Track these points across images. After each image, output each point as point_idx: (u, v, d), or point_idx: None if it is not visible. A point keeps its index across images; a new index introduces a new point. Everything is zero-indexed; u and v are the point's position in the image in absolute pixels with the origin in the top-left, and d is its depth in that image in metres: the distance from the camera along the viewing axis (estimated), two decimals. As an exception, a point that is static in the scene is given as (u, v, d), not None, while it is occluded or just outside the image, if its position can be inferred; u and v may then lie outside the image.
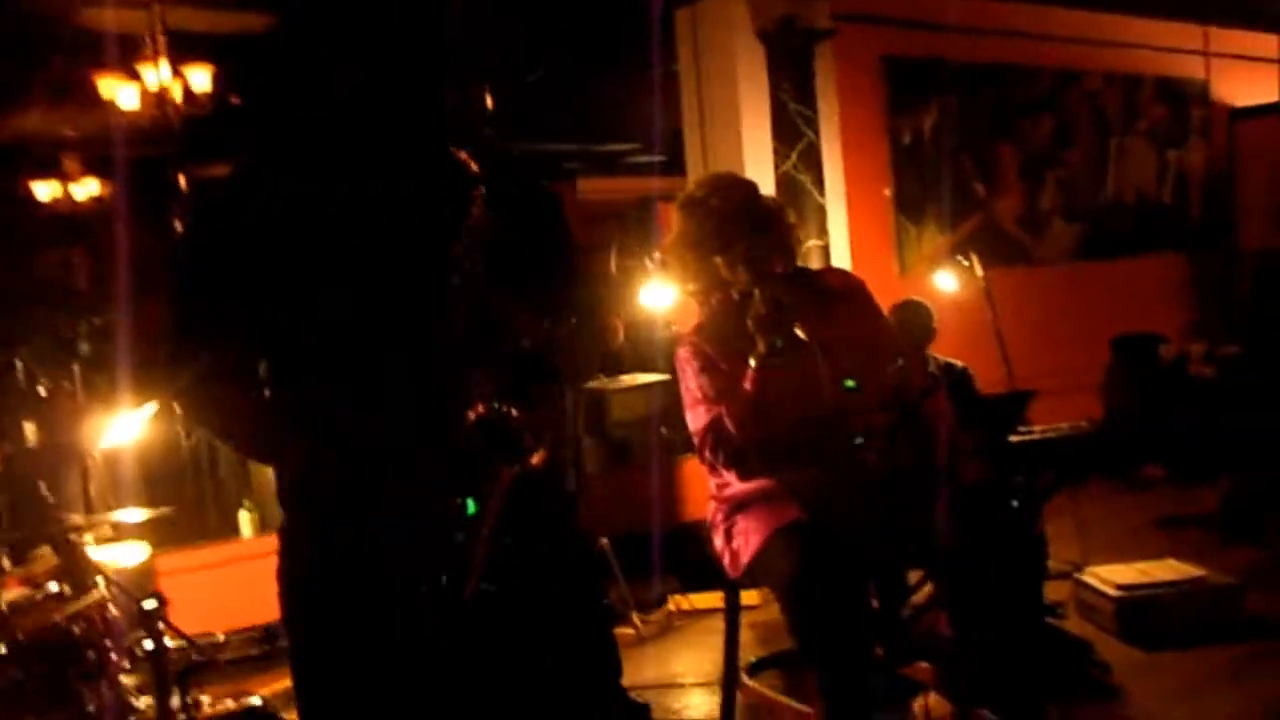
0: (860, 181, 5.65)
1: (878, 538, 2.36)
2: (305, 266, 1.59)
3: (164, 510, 3.09)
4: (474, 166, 1.66)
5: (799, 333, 2.40)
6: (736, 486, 2.54)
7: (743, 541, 2.47)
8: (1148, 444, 4.99)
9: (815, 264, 4.94)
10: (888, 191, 5.98)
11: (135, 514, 3.04)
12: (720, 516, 2.58)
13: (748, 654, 3.81)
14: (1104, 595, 3.76)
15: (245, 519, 4.73)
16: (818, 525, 2.33)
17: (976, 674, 2.38)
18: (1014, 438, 3.46)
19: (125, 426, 3.38)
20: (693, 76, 5.27)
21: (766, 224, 2.59)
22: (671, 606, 4.51)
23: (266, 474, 5.09)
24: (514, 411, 1.60)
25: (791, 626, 2.29)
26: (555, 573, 1.81)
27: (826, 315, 2.46)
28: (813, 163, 5.24)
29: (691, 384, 2.56)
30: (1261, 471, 4.33)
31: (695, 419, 2.54)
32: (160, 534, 3.78)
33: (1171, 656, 3.53)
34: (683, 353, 2.61)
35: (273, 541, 4.59)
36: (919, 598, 3.00)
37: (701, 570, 4.73)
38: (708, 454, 2.51)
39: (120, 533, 3.46)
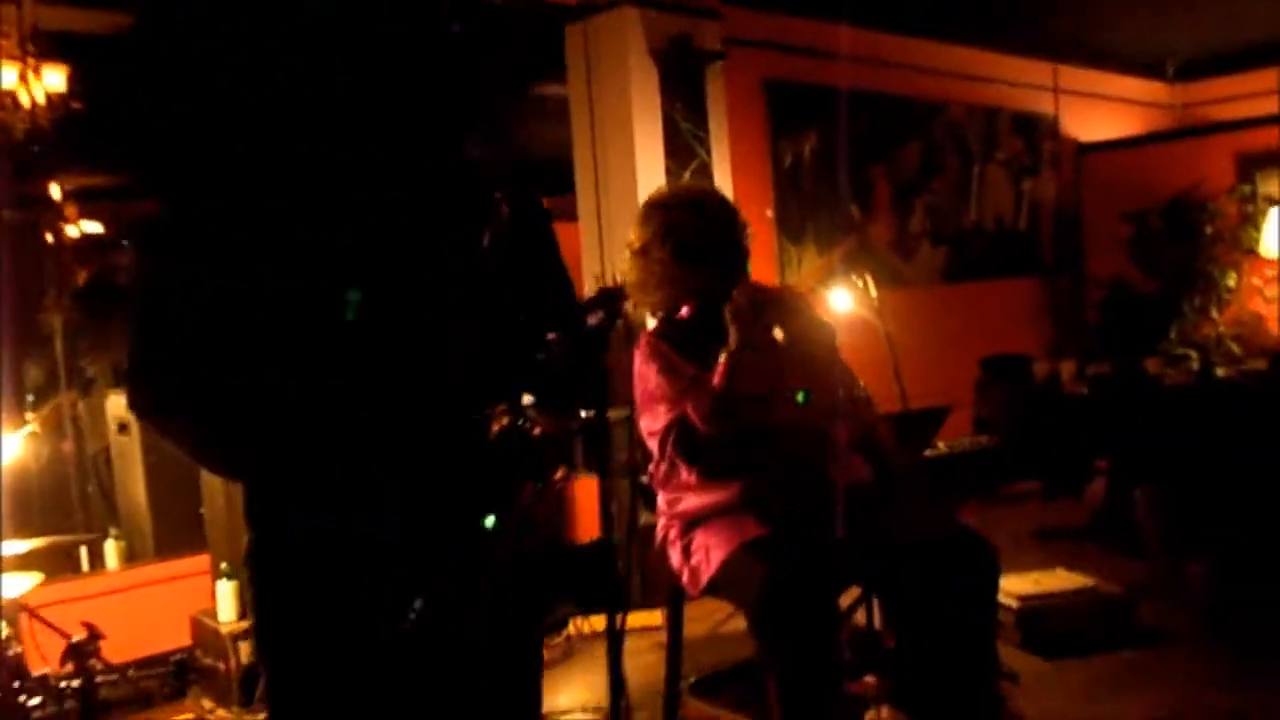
0: (745, 202, 5.62)
1: (842, 552, 2.33)
2: (314, 262, 1.48)
3: (85, 536, 2.82)
4: (496, 178, 1.59)
5: (776, 334, 2.38)
6: (690, 501, 2.49)
7: (703, 557, 2.41)
8: (1042, 458, 5.22)
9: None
10: (770, 212, 6.05)
11: (20, 545, 2.76)
12: (675, 533, 2.52)
13: (656, 674, 3.76)
14: (1005, 606, 3.85)
15: (111, 549, 4.40)
16: (784, 539, 2.29)
17: (931, 686, 2.38)
18: (929, 453, 3.54)
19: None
20: (584, 92, 5.21)
21: (744, 234, 2.60)
22: (571, 629, 4.41)
23: (136, 503, 4.75)
24: (536, 427, 1.52)
25: (760, 642, 2.24)
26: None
27: (785, 326, 2.44)
28: (704, 182, 5.25)
29: (652, 383, 2.50)
30: (1147, 483, 4.53)
31: (655, 418, 2.48)
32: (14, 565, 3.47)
33: (1070, 664, 3.64)
34: (643, 352, 2.54)
35: (141, 573, 4.30)
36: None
37: (597, 591, 4.68)
38: (669, 449, 2.43)
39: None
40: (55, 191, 4.18)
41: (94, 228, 5.81)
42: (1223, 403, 4.96)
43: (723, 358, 2.38)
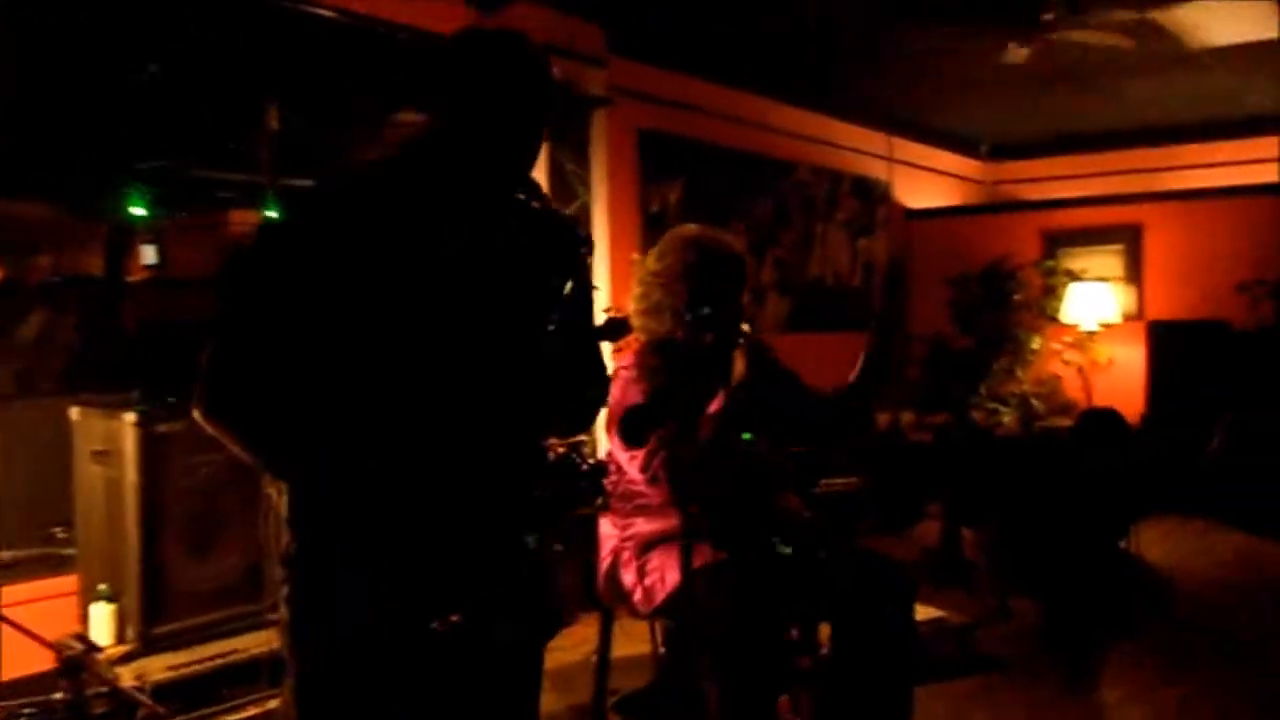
0: (616, 245, 5.93)
1: (790, 580, 2.58)
2: (403, 292, 1.60)
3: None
4: (579, 230, 1.75)
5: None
6: (641, 527, 2.67)
7: (658, 578, 2.60)
8: (886, 500, 5.64)
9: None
10: (637, 256, 6.29)
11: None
12: (629, 554, 2.69)
13: (548, 697, 3.88)
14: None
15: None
16: (739, 567, 2.52)
17: (855, 700, 2.64)
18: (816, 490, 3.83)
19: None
20: (474, 127, 5.33)
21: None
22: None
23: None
24: (581, 457, 1.69)
25: (713, 660, 2.44)
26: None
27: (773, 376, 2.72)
28: (584, 222, 5.46)
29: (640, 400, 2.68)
30: (979, 524, 4.99)
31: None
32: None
33: (924, 689, 3.97)
34: (629, 373, 2.72)
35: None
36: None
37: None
38: (655, 466, 2.60)
39: None
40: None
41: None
42: (1043, 454, 5.52)
43: (724, 391, 2.60)
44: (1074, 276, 7.99)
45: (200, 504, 3.53)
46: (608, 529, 2.76)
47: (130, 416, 3.48)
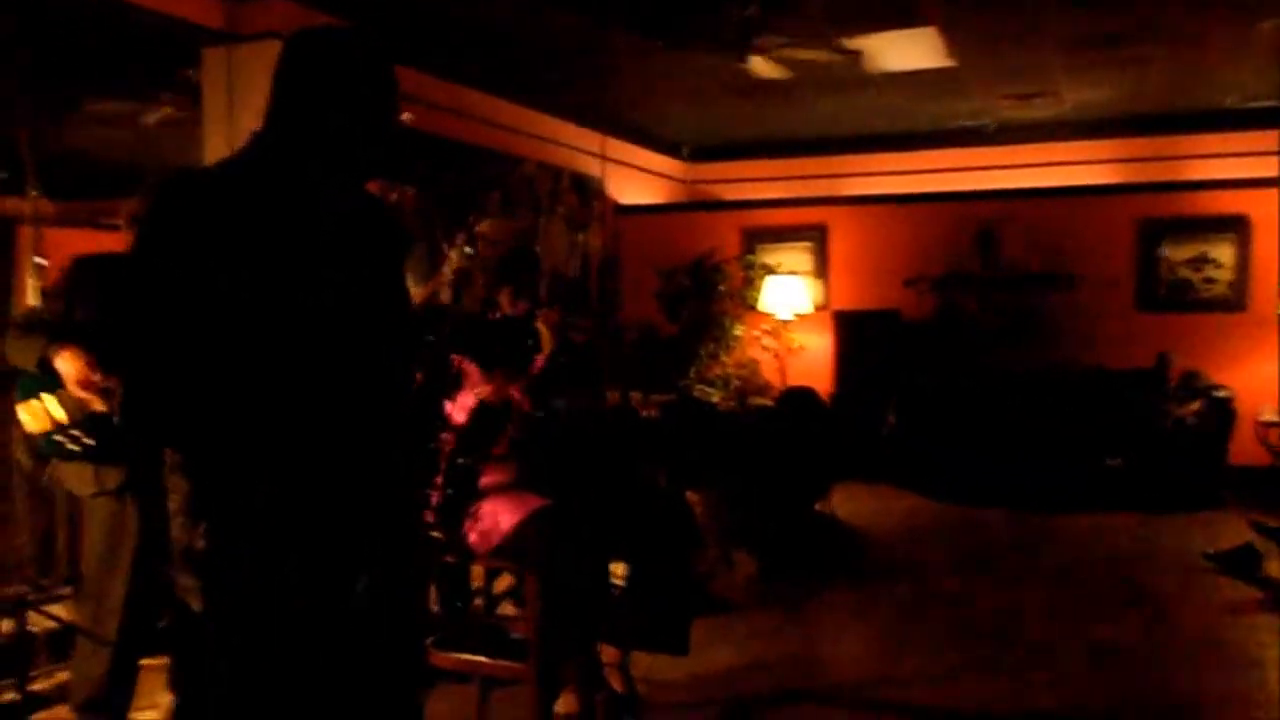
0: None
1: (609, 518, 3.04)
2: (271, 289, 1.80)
3: None
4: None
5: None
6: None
7: (493, 523, 2.93)
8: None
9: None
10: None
11: None
12: (459, 503, 3.03)
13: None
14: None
15: None
16: (567, 510, 2.91)
17: (643, 621, 3.09)
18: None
19: None
20: (224, 113, 5.33)
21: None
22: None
23: None
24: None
25: (545, 593, 2.81)
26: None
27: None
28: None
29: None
30: (702, 488, 5.60)
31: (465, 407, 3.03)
32: None
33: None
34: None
35: None
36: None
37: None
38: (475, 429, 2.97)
39: None
40: None
41: None
42: (754, 428, 6.22)
43: (540, 358, 2.99)
44: (770, 270, 8.87)
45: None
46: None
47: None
